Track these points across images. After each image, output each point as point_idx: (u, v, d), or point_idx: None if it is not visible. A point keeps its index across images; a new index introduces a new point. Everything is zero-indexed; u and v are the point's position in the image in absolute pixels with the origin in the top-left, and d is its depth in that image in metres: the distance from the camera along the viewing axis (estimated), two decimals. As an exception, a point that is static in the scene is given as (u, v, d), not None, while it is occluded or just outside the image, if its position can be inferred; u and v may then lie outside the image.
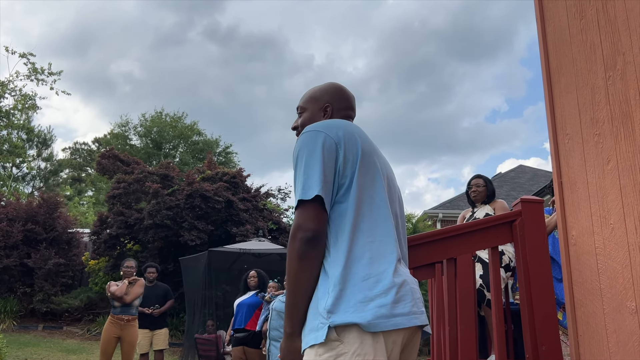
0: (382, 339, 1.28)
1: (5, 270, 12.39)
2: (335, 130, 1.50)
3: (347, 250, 1.36)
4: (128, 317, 5.64)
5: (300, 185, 1.41)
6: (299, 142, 1.51)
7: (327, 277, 1.34)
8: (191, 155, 27.88)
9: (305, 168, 1.43)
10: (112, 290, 5.61)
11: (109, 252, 12.58)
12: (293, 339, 1.37)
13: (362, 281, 1.32)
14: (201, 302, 8.16)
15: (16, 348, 9.40)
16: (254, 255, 8.72)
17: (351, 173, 1.45)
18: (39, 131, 28.27)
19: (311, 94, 1.77)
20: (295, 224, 1.37)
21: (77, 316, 12.63)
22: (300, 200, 1.39)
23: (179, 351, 9.45)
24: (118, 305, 5.61)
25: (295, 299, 1.36)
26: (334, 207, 1.42)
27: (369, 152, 1.52)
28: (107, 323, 5.63)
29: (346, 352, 1.26)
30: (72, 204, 23.89)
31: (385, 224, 1.44)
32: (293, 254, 1.35)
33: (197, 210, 11.62)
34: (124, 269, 5.78)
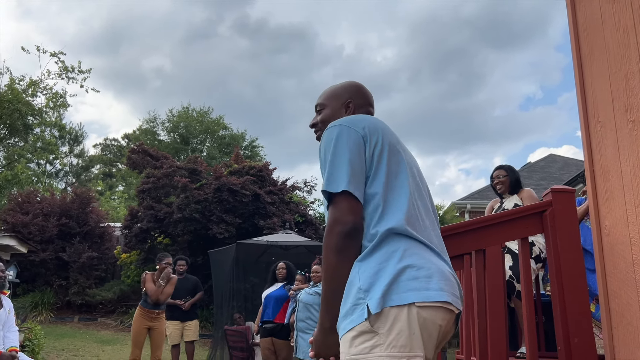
0: (416, 315, 1.26)
1: (42, 263, 12.80)
2: (360, 124, 1.51)
3: (377, 238, 1.36)
4: (158, 311, 5.77)
5: (330, 180, 1.41)
6: (324, 137, 1.52)
7: (359, 265, 1.34)
8: (218, 150, 28.18)
9: (333, 162, 1.43)
10: (148, 288, 5.73)
11: (140, 245, 12.86)
12: (330, 332, 1.36)
13: (395, 266, 1.31)
14: (229, 294, 8.28)
15: (53, 339, 9.72)
16: (281, 247, 8.79)
17: (377, 166, 1.45)
18: (71, 128, 28.98)
19: (331, 91, 1.78)
20: (332, 218, 1.37)
21: (111, 308, 12.97)
22: (333, 194, 1.39)
23: (209, 342, 9.62)
24: (151, 301, 5.74)
25: (333, 293, 1.36)
26: (364, 197, 1.42)
27: (394, 145, 1.52)
28: (137, 315, 5.76)
29: (382, 344, 1.25)
30: (103, 198, 24.47)
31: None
32: (331, 247, 1.35)
33: (225, 203, 11.76)
34: (164, 265, 5.89)
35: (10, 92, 18.04)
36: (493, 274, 2.50)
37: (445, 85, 50.32)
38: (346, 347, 1.28)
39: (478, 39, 49.74)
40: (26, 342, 6.06)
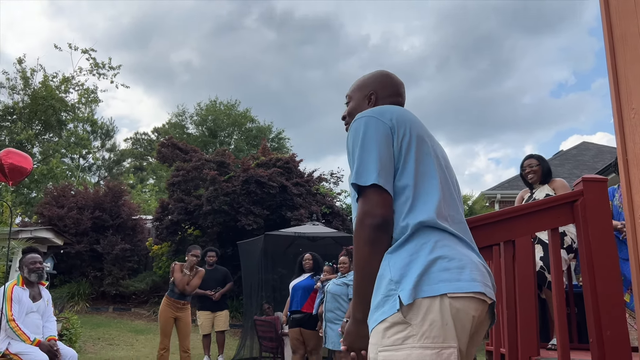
0: (449, 305, 1.26)
1: (77, 255, 13.19)
2: (388, 115, 1.50)
3: (408, 231, 1.36)
4: (184, 301, 5.87)
5: (359, 173, 1.41)
6: (351, 129, 1.51)
7: (390, 257, 1.35)
8: (245, 142, 28.41)
9: (361, 154, 1.43)
10: (175, 277, 5.84)
11: (170, 237, 13.12)
12: (362, 325, 1.36)
13: (426, 257, 1.31)
14: (258, 284, 8.38)
15: (90, 328, 10.03)
16: (309, 238, 8.84)
17: (406, 157, 1.44)
18: (102, 123, 29.65)
19: (358, 83, 1.78)
20: (362, 211, 1.37)
21: (144, 298, 13.29)
22: (363, 187, 1.39)
23: (239, 332, 9.78)
24: (177, 291, 5.84)
25: (364, 285, 1.36)
26: (393, 190, 1.42)
27: (422, 136, 1.51)
28: (163, 304, 5.86)
29: (414, 335, 1.25)
30: (134, 191, 25.01)
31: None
32: (362, 240, 1.36)
33: (253, 195, 11.88)
34: (190, 257, 5.99)
35: (45, 89, 18.58)
36: (523, 265, 2.46)
37: (474, 72, 49.45)
38: (378, 338, 1.29)
39: (507, 24, 48.68)
40: (64, 332, 6.28)
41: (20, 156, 5.22)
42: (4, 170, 4.89)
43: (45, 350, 4.33)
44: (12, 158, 5.02)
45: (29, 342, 4.31)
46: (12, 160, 4.99)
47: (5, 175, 4.95)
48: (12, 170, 4.97)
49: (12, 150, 5.23)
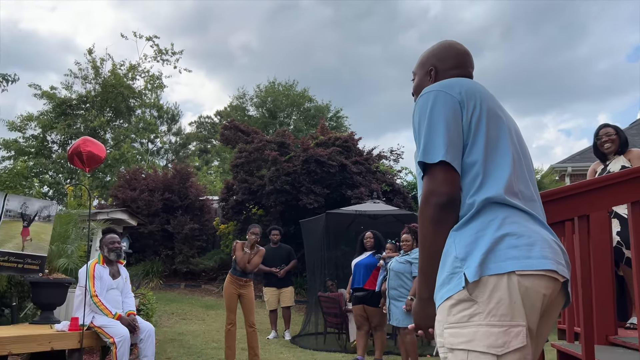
0: (517, 283, 1.22)
1: (150, 235, 13.91)
2: (456, 88, 1.43)
3: (475, 208, 1.32)
4: (246, 279, 6.03)
5: (426, 150, 1.37)
6: (417, 104, 1.46)
7: (455, 235, 1.32)
8: (304, 122, 28.59)
9: (428, 131, 1.38)
10: (237, 255, 6.01)
11: (236, 216, 13.55)
12: (428, 303, 1.35)
13: (492, 234, 1.27)
14: (321, 262, 8.50)
15: (164, 304, 10.60)
16: (370, 216, 8.83)
17: (475, 132, 1.39)
18: (168, 108, 30.77)
19: (420, 58, 1.71)
20: (427, 189, 1.34)
21: (213, 276, 13.86)
22: (429, 164, 1.35)
23: (304, 308, 10.01)
24: (239, 269, 6.01)
25: (430, 264, 1.34)
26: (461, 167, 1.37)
27: (493, 109, 1.44)
28: (227, 282, 6.05)
29: (481, 313, 1.22)
30: (200, 173, 25.92)
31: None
32: (427, 219, 1.33)
33: (313, 174, 11.99)
34: (250, 235, 6.14)
35: (113, 77, 19.48)
36: (599, 241, 2.34)
37: (542, 40, 46.87)
38: (444, 315, 1.28)
39: (578, -14, 45.49)
40: (141, 307, 6.67)
41: (96, 145, 5.51)
42: (82, 157, 5.18)
43: (125, 324, 4.63)
44: (89, 146, 5.30)
45: (111, 316, 4.63)
46: (90, 149, 5.27)
47: (83, 162, 5.24)
48: (90, 158, 5.25)
49: (89, 139, 5.53)
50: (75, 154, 5.26)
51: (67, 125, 18.73)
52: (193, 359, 6.19)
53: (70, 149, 5.51)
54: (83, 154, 5.18)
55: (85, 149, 5.22)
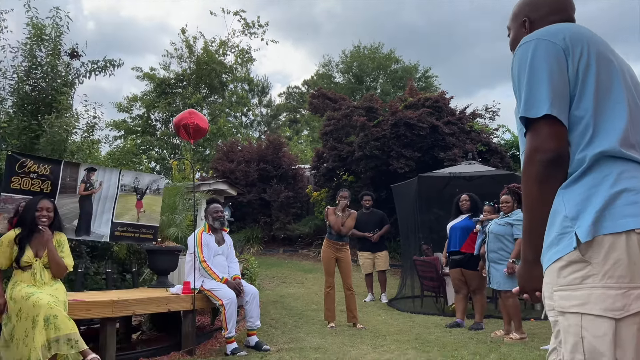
0: (637, 242, 1.13)
1: (249, 204, 14.62)
2: (559, 34, 1.31)
3: (586, 163, 1.23)
4: (342, 242, 6.14)
5: (528, 104, 1.28)
6: (516, 56, 1.36)
7: (564, 193, 1.24)
8: (391, 85, 28.03)
9: (529, 83, 1.28)
10: (330, 220, 6.13)
11: (327, 184, 13.78)
12: (534, 265, 1.30)
13: (607, 191, 1.18)
14: (414, 226, 8.42)
15: (265, 268, 11.16)
16: (465, 178, 8.55)
17: (584, 81, 1.27)
18: (258, 81, 31.60)
19: (513, 11, 1.58)
20: (531, 146, 1.26)
21: (309, 241, 14.31)
22: (532, 119, 1.27)
23: (399, 272, 10.05)
24: (334, 233, 6.13)
25: (535, 224, 1.28)
26: (569, 120, 1.27)
27: (603, 53, 1.31)
28: (324, 246, 6.21)
29: (595, 274, 1.15)
30: (292, 143, 26.52)
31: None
32: (531, 178, 1.26)
33: (403, 138, 11.79)
34: (339, 199, 6.25)
35: (206, 54, 20.31)
36: None
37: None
38: (553, 277, 1.22)
39: None
40: (245, 271, 7.07)
41: (201, 117, 5.80)
42: (189, 129, 5.47)
43: (231, 287, 4.95)
44: (195, 119, 5.58)
45: (218, 280, 4.97)
46: (196, 121, 5.55)
47: (189, 134, 5.54)
48: (195, 130, 5.54)
49: (194, 112, 5.82)
50: (181, 126, 5.57)
51: (168, 104, 19.93)
52: (295, 319, 6.49)
53: (176, 121, 5.84)
54: (190, 126, 5.46)
55: (191, 121, 5.49)
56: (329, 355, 4.50)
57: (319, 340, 5.18)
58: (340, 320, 6.25)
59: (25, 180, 4.60)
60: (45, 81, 7.01)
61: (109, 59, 7.79)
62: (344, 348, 4.79)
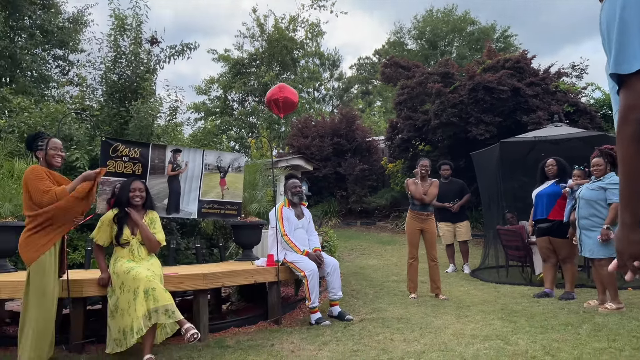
0: None
1: (324, 178, 14.80)
2: None
3: None
4: (427, 212, 6.04)
5: (619, 59, 1.19)
6: (604, 8, 1.26)
7: None
8: (467, 48, 26.84)
9: (620, 37, 1.19)
10: (411, 190, 6.05)
11: (403, 155, 13.58)
12: (632, 229, 1.22)
13: None
14: (497, 194, 8.11)
15: (343, 241, 11.31)
16: (551, 142, 8.07)
17: None
18: (328, 54, 31.47)
19: None
20: (625, 104, 1.18)
21: (386, 213, 14.29)
22: (625, 76, 1.18)
23: (481, 242, 9.78)
24: (417, 203, 6.05)
25: (633, 187, 1.21)
26: None
27: None
28: (408, 218, 6.15)
29: None
30: (365, 115, 26.32)
31: None
32: (627, 138, 1.18)
33: (482, 103, 11.30)
34: (418, 167, 6.13)
35: (276, 32, 20.52)
36: None
37: None
38: None
39: None
40: (324, 244, 7.21)
41: (291, 91, 5.83)
42: (279, 103, 5.54)
43: (312, 259, 5.07)
44: (285, 92, 5.62)
45: (300, 252, 5.10)
46: (286, 95, 5.60)
47: (279, 108, 5.61)
48: (285, 103, 5.59)
49: (285, 86, 5.87)
50: (272, 101, 5.66)
51: (243, 84, 20.44)
52: (375, 290, 6.54)
53: (268, 96, 5.95)
54: (280, 100, 5.52)
55: (282, 95, 5.56)
56: (411, 325, 4.50)
57: (401, 311, 5.20)
58: (421, 291, 6.22)
59: (119, 163, 4.94)
60: (129, 69, 7.42)
61: (186, 43, 8.10)
62: (426, 318, 4.78)
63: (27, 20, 12.63)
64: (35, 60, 12.46)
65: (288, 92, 5.64)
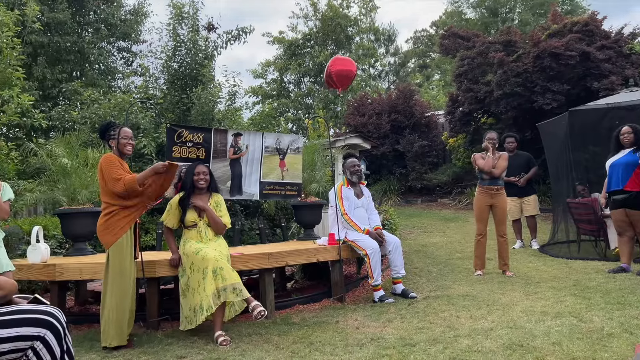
0: None
1: (382, 156, 14.66)
2: None
3: None
4: (497, 187, 5.85)
5: None
6: None
7: None
8: (531, 13, 25.42)
9: None
10: (479, 164, 5.86)
11: (464, 128, 13.18)
12: None
13: None
14: (566, 166, 7.71)
15: (404, 219, 11.21)
16: (626, 108, 7.53)
17: None
18: (383, 30, 30.83)
19: None
20: None
21: (447, 190, 13.99)
22: None
23: (549, 216, 9.38)
24: (486, 177, 5.86)
25: None
26: None
27: None
28: (477, 193, 5.97)
29: None
30: (423, 90, 25.70)
31: None
32: None
33: (548, 71, 10.72)
34: (485, 141, 5.92)
35: (330, 9, 20.33)
36: None
37: None
38: None
39: None
40: (385, 222, 7.17)
41: (343, 61, 5.68)
42: (332, 78, 5.44)
43: (373, 237, 5.07)
44: (336, 65, 5.48)
45: (360, 231, 5.11)
46: (337, 67, 5.45)
47: (335, 83, 5.50)
48: (339, 76, 5.45)
49: (337, 57, 5.74)
50: (328, 77, 5.58)
51: (298, 65, 20.50)
52: (439, 268, 6.46)
53: (325, 75, 5.88)
54: (332, 75, 5.42)
55: (333, 69, 5.44)
56: (478, 302, 4.42)
57: (467, 288, 5.11)
58: (487, 268, 6.07)
59: (183, 149, 5.12)
60: (189, 56, 7.63)
61: (241, 27, 8.20)
62: (493, 295, 4.67)
63: (92, 15, 13.23)
64: (102, 53, 13.07)
65: (338, 63, 5.48)
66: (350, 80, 5.89)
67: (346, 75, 5.49)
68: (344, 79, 5.47)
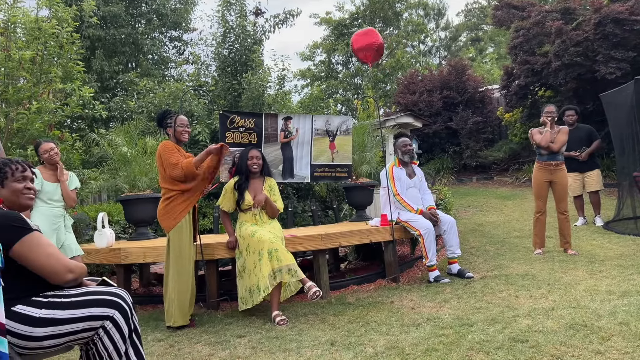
0: None
1: (435, 134, 14.36)
2: None
3: None
4: (556, 162, 5.61)
5: None
6: None
7: None
8: (592, -23, 23.90)
9: None
10: (536, 139, 5.63)
11: (520, 102, 12.66)
12: None
13: None
14: (632, 138, 7.28)
15: (459, 198, 10.98)
16: (700, 74, 7.00)
17: None
18: (433, 3, 29.92)
19: None
20: None
21: (504, 167, 13.55)
22: None
23: (614, 192, 8.92)
24: (545, 153, 5.63)
25: None
26: None
27: None
28: (535, 170, 5.76)
29: None
30: (475, 64, 24.84)
31: None
32: None
33: (611, 38, 10.08)
34: (544, 114, 5.67)
35: (377, -14, 19.93)
36: None
37: None
38: None
39: None
40: (439, 202, 7.05)
41: (363, 34, 5.51)
42: (358, 54, 5.32)
43: (427, 217, 5.00)
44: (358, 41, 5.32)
45: (413, 211, 5.06)
46: (359, 44, 5.31)
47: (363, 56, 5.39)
48: (362, 50, 5.32)
49: (358, 32, 5.59)
50: (356, 54, 5.46)
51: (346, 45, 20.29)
52: (496, 247, 6.31)
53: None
54: (356, 52, 5.31)
55: (355, 46, 5.32)
56: (538, 281, 4.29)
57: (526, 267, 4.97)
58: (547, 247, 5.87)
59: (236, 134, 5.22)
60: (238, 42, 7.72)
61: (288, 10, 8.20)
62: (554, 274, 4.52)
63: (144, 6, 13.60)
64: (155, 43, 13.45)
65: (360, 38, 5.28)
66: (375, 52, 5.68)
67: (370, 47, 5.30)
68: (368, 52, 5.28)
